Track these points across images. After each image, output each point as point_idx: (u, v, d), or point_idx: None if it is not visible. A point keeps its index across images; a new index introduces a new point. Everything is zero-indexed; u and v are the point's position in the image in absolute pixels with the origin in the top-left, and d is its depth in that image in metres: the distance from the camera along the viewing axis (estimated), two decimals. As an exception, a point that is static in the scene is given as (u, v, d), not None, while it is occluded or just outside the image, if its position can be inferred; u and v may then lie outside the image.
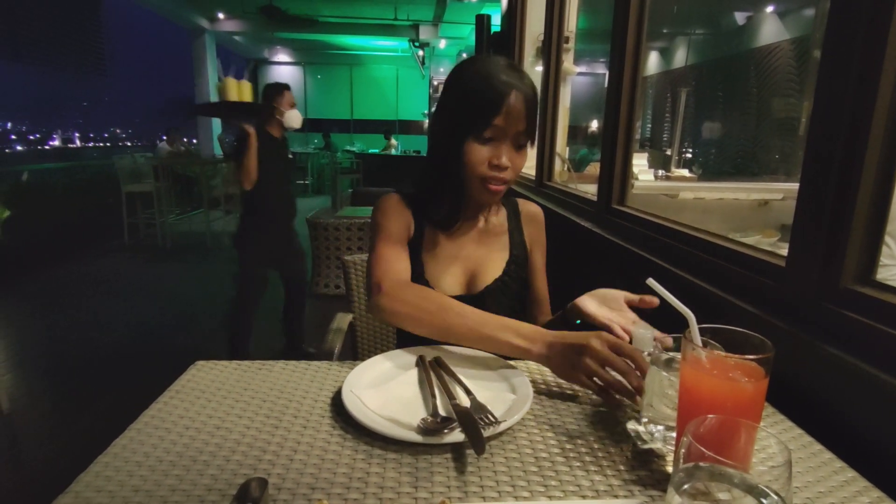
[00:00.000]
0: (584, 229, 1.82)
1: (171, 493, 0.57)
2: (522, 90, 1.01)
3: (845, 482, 0.62)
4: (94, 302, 4.16)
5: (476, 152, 1.03)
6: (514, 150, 1.04)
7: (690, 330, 0.60)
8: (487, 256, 1.17)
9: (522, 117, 1.01)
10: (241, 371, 0.87)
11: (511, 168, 1.05)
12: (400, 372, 0.86)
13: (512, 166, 1.05)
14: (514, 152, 1.05)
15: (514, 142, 1.04)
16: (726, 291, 1.02)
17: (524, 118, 1.01)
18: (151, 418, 0.72)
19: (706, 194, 2.54)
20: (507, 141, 1.03)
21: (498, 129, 1.01)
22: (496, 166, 1.03)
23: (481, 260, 1.17)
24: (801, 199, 0.86)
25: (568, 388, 0.84)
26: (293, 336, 3.27)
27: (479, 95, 1.01)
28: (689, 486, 0.50)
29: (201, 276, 5.03)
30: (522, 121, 1.01)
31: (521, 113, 1.01)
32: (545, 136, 2.71)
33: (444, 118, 1.07)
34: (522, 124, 1.02)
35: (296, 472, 0.61)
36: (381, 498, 0.58)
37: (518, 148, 1.05)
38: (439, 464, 0.64)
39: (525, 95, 1.01)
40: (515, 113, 1.00)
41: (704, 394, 0.58)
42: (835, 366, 0.75)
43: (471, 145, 1.03)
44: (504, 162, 1.02)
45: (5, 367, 2.82)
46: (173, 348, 3.24)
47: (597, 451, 0.67)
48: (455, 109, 1.05)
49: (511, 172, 1.05)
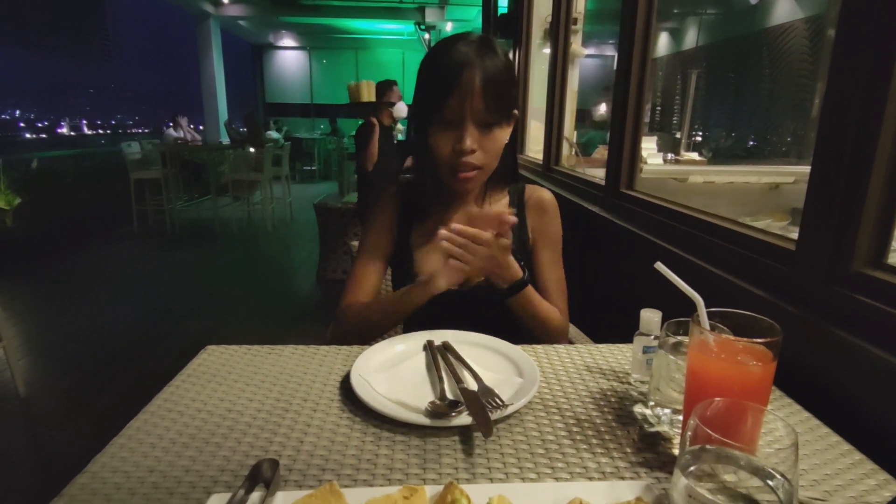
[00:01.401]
0: (592, 214, 1.81)
1: (185, 473, 0.59)
2: (478, 65, 0.93)
3: (852, 464, 0.62)
4: (105, 288, 4.21)
5: (438, 137, 0.98)
6: (481, 131, 0.97)
7: (698, 314, 0.60)
8: None
9: (479, 95, 0.93)
10: (251, 355, 0.88)
11: (481, 151, 0.98)
12: (408, 356, 0.87)
13: (482, 149, 0.98)
14: (482, 134, 0.97)
15: (477, 123, 0.96)
16: (735, 275, 1.01)
17: (483, 95, 0.93)
18: (164, 401, 0.74)
19: (716, 178, 2.51)
20: (470, 122, 0.95)
21: (454, 109, 0.94)
22: (459, 151, 0.97)
23: None
24: (813, 182, 0.85)
25: (575, 374, 0.84)
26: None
27: (431, 75, 0.97)
28: (695, 468, 0.50)
29: (211, 263, 5.07)
30: (480, 98, 0.93)
31: (478, 90, 0.93)
32: (553, 119, 2.68)
33: (413, 105, 1.04)
34: (480, 102, 0.94)
35: (306, 454, 0.63)
36: (391, 479, 0.59)
37: (485, 128, 0.97)
38: (447, 446, 0.65)
39: (483, 71, 0.93)
40: (470, 90, 0.93)
41: (711, 377, 0.58)
42: (844, 349, 0.75)
43: (433, 130, 0.98)
44: (467, 145, 0.95)
45: (20, 353, 2.87)
46: (184, 334, 3.29)
47: (603, 434, 0.68)
48: (416, 93, 1.01)
49: (482, 156, 0.99)
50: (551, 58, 2.76)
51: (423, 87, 1.00)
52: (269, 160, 6.27)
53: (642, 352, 0.78)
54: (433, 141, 0.99)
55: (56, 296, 4.01)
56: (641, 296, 0.96)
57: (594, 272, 1.11)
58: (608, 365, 0.87)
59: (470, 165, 0.99)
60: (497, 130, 1.00)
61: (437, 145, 0.99)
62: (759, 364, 0.56)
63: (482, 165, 1.01)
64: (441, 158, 1.00)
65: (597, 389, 0.79)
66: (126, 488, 0.56)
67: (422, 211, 1.12)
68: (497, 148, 1.02)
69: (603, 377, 0.83)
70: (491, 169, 1.04)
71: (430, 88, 0.97)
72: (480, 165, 1.00)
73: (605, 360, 0.89)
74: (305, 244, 5.55)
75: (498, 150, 1.03)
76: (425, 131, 1.00)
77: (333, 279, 4.29)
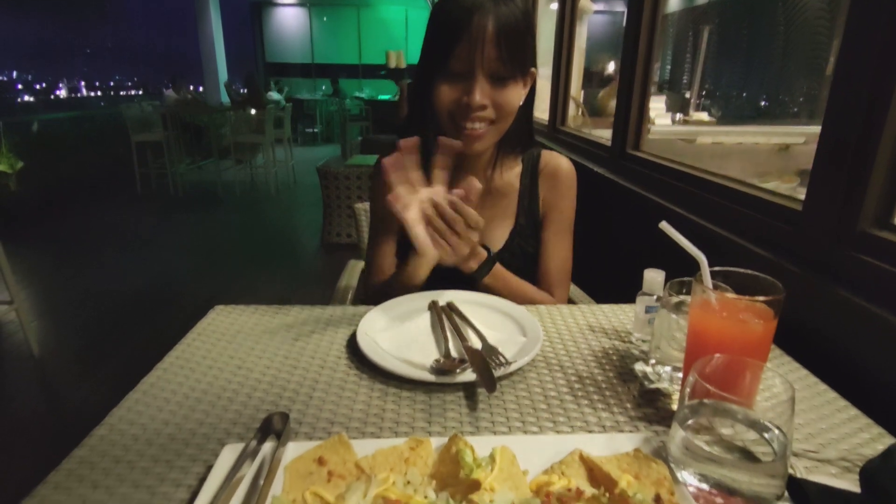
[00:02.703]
0: (598, 175, 1.79)
1: (199, 425, 0.61)
2: (491, 10, 0.84)
3: (847, 419, 0.63)
4: (112, 252, 4.25)
5: (444, 92, 0.89)
6: (493, 85, 0.89)
7: (702, 272, 0.60)
8: (489, 224, 1.00)
9: (493, 43, 0.85)
10: (259, 315, 0.90)
11: (493, 106, 0.90)
12: (413, 316, 0.88)
13: (493, 104, 0.89)
14: (494, 88, 0.89)
15: (489, 74, 0.88)
16: (741, 237, 1.01)
17: (495, 43, 0.85)
18: (176, 359, 0.76)
19: (725, 139, 2.47)
20: (480, 74, 0.87)
21: (463, 59, 0.86)
22: (467, 106, 0.88)
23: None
24: (823, 140, 0.83)
25: (578, 333, 0.86)
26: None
27: (438, 21, 0.88)
28: (692, 422, 0.52)
29: (216, 227, 5.09)
30: (494, 47, 0.85)
31: (491, 37, 0.85)
32: (559, 78, 2.62)
33: (419, 59, 0.95)
34: (494, 51, 0.85)
35: (315, 408, 0.65)
36: (397, 432, 0.61)
37: (498, 82, 0.89)
38: (452, 401, 0.66)
39: (497, 16, 0.84)
40: (483, 38, 0.84)
41: (712, 335, 0.59)
42: (846, 309, 0.75)
43: (439, 85, 0.89)
44: (477, 100, 0.87)
45: (32, 315, 2.92)
46: (191, 296, 3.33)
47: (604, 391, 0.69)
48: (423, 45, 0.93)
49: (493, 111, 0.90)
50: (559, 14, 2.67)
51: (429, 36, 0.91)
52: (270, 122, 6.19)
53: (644, 311, 0.79)
54: (438, 96, 0.91)
55: (64, 259, 4.05)
56: (645, 257, 0.96)
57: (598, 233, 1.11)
58: (610, 324, 0.88)
59: (480, 119, 0.90)
60: (511, 86, 0.91)
61: (441, 101, 0.91)
62: (760, 322, 0.57)
63: (497, 120, 0.92)
64: (445, 115, 0.92)
65: (598, 348, 0.81)
66: (143, 439, 0.58)
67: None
68: (511, 107, 0.92)
69: (605, 336, 0.84)
70: (502, 130, 0.96)
71: (437, 36, 0.89)
72: (496, 119, 0.92)
73: (608, 319, 0.90)
74: (309, 208, 5.54)
75: (511, 109, 0.93)
76: (430, 87, 0.92)
77: (338, 242, 4.31)
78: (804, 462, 0.56)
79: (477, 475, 0.47)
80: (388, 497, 0.46)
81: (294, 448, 0.54)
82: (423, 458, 0.53)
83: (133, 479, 0.52)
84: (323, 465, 0.52)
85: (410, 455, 0.53)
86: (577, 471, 0.52)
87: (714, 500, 0.48)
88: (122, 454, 0.56)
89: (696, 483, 0.49)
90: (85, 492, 0.50)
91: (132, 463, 0.54)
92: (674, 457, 0.52)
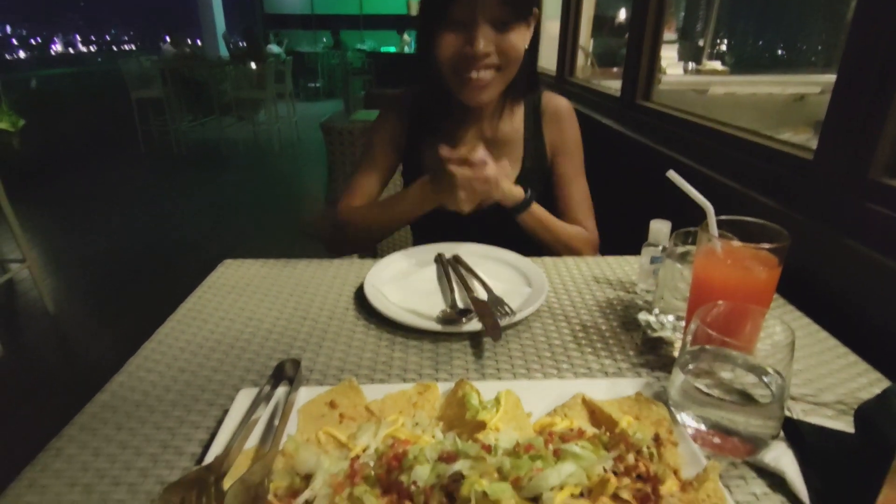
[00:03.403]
0: (606, 126, 1.76)
1: (214, 372, 0.63)
2: None
3: (847, 365, 0.65)
4: (119, 210, 4.26)
5: (446, 42, 0.87)
6: (496, 32, 0.86)
7: (708, 221, 0.60)
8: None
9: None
10: (268, 268, 0.91)
11: (497, 53, 0.87)
12: (419, 268, 0.89)
13: (498, 51, 0.87)
14: (497, 34, 0.86)
15: (491, 20, 0.85)
16: (750, 188, 1.00)
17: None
18: (188, 311, 0.77)
19: (738, 89, 2.40)
20: (482, 20, 0.85)
21: (463, 5, 0.83)
22: (471, 56, 0.86)
23: None
24: (839, 87, 0.81)
25: (583, 284, 0.86)
26: None
27: None
28: (693, 367, 0.53)
29: (220, 185, 5.07)
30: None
31: None
32: (567, 27, 2.52)
33: (419, 10, 0.92)
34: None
35: (325, 357, 0.66)
36: (405, 378, 0.62)
37: (501, 28, 0.86)
38: (458, 350, 0.68)
39: None
40: None
41: (716, 283, 0.59)
42: (853, 258, 0.75)
43: (441, 34, 0.87)
44: (481, 48, 0.85)
45: (45, 273, 2.97)
46: (199, 253, 3.36)
47: (608, 339, 0.71)
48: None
49: (498, 58, 0.88)
50: (568, -44, 2.54)
51: None
52: (271, 77, 6.06)
53: (650, 262, 0.79)
54: (440, 47, 0.89)
55: (73, 217, 4.08)
56: (651, 210, 0.95)
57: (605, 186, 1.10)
58: (615, 276, 0.89)
59: (486, 66, 0.88)
60: (515, 30, 0.88)
61: (444, 51, 0.89)
62: (764, 269, 0.57)
63: (503, 66, 0.90)
64: (447, 65, 0.90)
65: (603, 298, 0.82)
66: (161, 386, 0.60)
67: (432, 127, 1.05)
68: (517, 53, 0.90)
69: (610, 287, 0.85)
70: (509, 78, 0.94)
71: None
72: (501, 65, 0.90)
73: (613, 271, 0.91)
74: (313, 165, 5.50)
75: (517, 55, 0.91)
76: (432, 37, 0.90)
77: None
78: (801, 405, 0.57)
79: (482, 417, 0.49)
80: (397, 437, 0.48)
81: (306, 393, 0.56)
82: (430, 402, 0.55)
83: (154, 421, 0.55)
84: (334, 408, 0.54)
85: (418, 399, 0.55)
86: (579, 413, 0.54)
87: (711, 440, 0.50)
88: (142, 399, 0.58)
89: (694, 424, 0.51)
90: (109, 432, 0.53)
91: (152, 407, 0.57)
92: (674, 400, 0.53)
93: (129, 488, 0.46)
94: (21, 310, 2.67)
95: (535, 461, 0.42)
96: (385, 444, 0.47)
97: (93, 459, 0.50)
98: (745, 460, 0.50)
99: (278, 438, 0.49)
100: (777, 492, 0.47)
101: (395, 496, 0.41)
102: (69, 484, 0.47)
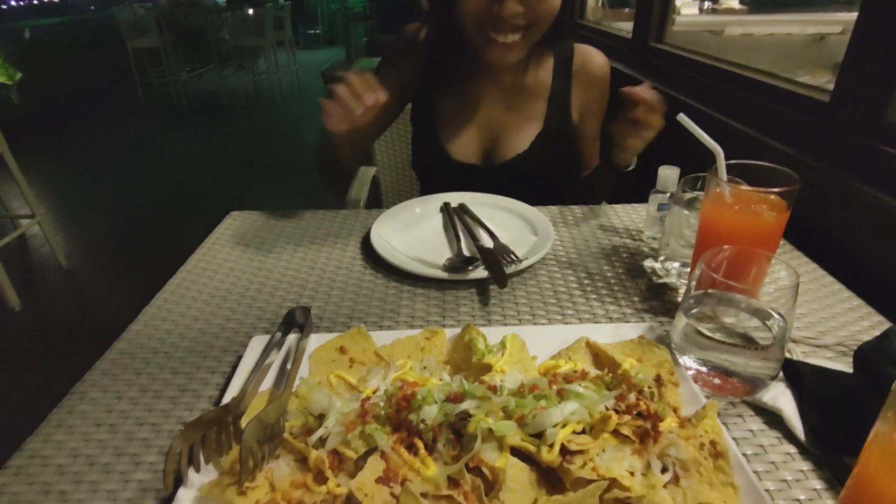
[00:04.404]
0: (616, 70, 1.69)
1: (227, 321, 0.65)
2: None
3: (850, 309, 0.65)
4: (124, 163, 4.24)
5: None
6: None
7: (717, 165, 0.59)
8: (513, 125, 0.95)
9: None
10: (275, 219, 0.91)
11: (527, 11, 0.79)
12: (425, 217, 0.89)
13: (527, 6, 0.79)
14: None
15: None
16: (762, 132, 0.97)
17: None
18: (198, 262, 0.78)
19: (755, 29, 2.29)
20: None
21: None
22: (498, 16, 0.78)
23: (505, 128, 0.96)
24: (859, 26, 0.77)
25: (589, 232, 0.86)
26: None
27: None
28: (697, 311, 0.54)
29: (223, 137, 5.01)
30: None
31: None
32: (578, -37, 2.40)
33: None
34: None
35: (334, 304, 0.68)
36: (413, 325, 0.64)
37: None
38: (464, 297, 0.69)
39: None
40: None
41: (723, 227, 0.59)
42: (863, 203, 0.74)
43: None
44: (510, 9, 0.78)
45: (55, 228, 3.00)
46: (205, 205, 3.37)
47: (613, 286, 0.71)
48: None
49: (527, 17, 0.80)
50: None
51: None
52: (269, 23, 5.85)
53: (657, 209, 0.79)
54: (463, 2, 0.80)
55: (78, 171, 4.07)
56: (660, 157, 0.93)
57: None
58: (622, 223, 0.89)
59: (512, 27, 0.80)
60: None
61: (467, 6, 0.80)
62: (772, 213, 0.57)
63: (535, 22, 0.81)
64: (473, 25, 0.82)
65: (609, 246, 0.82)
66: (176, 334, 0.62)
67: (447, 73, 0.97)
68: (551, 9, 0.81)
69: (616, 235, 0.85)
70: (539, 35, 0.85)
71: None
72: (527, 24, 0.81)
73: (620, 219, 0.90)
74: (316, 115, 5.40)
75: (552, 11, 0.82)
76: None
77: (347, 151, 4.24)
78: (802, 347, 0.58)
79: (488, 360, 0.51)
80: (406, 380, 0.49)
81: (316, 339, 0.58)
82: (437, 348, 0.57)
83: (171, 366, 0.57)
84: (344, 353, 0.55)
85: (426, 344, 0.57)
86: (583, 356, 0.55)
87: (712, 381, 0.52)
88: (159, 346, 0.60)
89: (695, 366, 0.52)
90: (129, 377, 0.55)
91: (169, 353, 0.59)
92: (676, 343, 0.54)
93: (152, 427, 0.49)
94: (34, 265, 2.71)
95: (540, 400, 0.44)
96: (394, 385, 0.48)
97: (116, 402, 0.52)
98: (743, 400, 0.51)
99: (291, 381, 0.51)
100: (773, 428, 0.48)
101: (405, 433, 0.43)
102: (95, 424, 0.49)
